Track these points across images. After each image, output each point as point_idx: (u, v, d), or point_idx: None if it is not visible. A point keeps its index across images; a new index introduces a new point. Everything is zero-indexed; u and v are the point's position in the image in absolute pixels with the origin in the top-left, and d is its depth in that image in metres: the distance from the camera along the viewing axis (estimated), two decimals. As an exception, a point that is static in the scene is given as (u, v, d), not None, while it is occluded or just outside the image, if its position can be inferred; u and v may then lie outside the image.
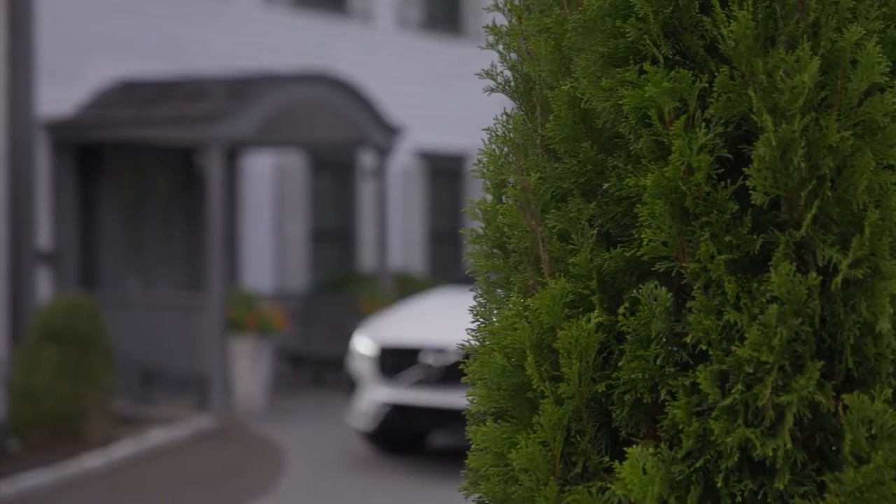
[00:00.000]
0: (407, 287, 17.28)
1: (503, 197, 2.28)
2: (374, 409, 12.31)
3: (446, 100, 20.25)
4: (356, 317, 15.96)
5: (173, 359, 14.74)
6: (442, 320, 12.73)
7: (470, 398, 2.25)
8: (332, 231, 18.91)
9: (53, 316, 13.80)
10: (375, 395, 12.31)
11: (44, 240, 15.19)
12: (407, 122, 17.27)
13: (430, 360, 12.05)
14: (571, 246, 2.21)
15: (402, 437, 13.12)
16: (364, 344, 12.57)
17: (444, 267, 20.63)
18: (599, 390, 2.16)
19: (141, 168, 16.44)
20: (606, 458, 2.16)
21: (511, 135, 2.28)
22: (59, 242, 15.23)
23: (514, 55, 2.30)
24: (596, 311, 2.15)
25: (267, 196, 17.79)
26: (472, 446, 2.25)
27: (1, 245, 15.14)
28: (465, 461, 2.30)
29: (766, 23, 2.10)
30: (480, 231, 2.28)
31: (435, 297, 13.86)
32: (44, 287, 15.24)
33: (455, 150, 20.50)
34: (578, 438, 2.16)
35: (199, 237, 16.80)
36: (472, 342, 2.28)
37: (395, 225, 18.98)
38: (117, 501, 11.88)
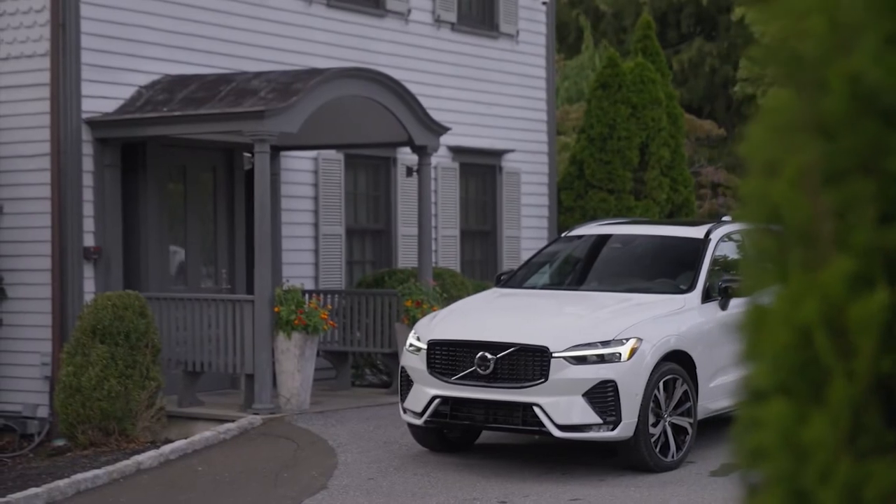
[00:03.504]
0: (445, 284, 17.26)
1: (773, 176, 2.29)
2: (428, 406, 12.31)
3: (480, 98, 20.27)
4: (398, 314, 15.97)
5: (220, 356, 14.74)
6: (494, 318, 12.78)
7: (747, 375, 2.25)
8: (370, 228, 18.93)
9: (102, 313, 13.83)
10: (429, 392, 12.32)
11: (87, 237, 15.21)
12: (441, 119, 17.25)
13: (483, 356, 12.06)
14: (850, 224, 2.22)
15: (454, 433, 13.15)
16: (418, 341, 12.59)
17: (473, 264, 20.65)
18: (884, 368, 2.16)
19: (184, 165, 16.45)
20: (893, 435, 2.16)
21: (780, 113, 2.28)
22: (102, 239, 15.24)
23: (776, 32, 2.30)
24: (881, 288, 2.15)
25: (306, 193, 17.81)
26: (748, 423, 2.25)
27: (45, 242, 15.16)
28: (732, 438, 2.30)
29: None
30: (749, 211, 2.28)
31: (484, 296, 13.89)
32: (86, 285, 15.25)
33: (488, 147, 20.51)
34: (865, 415, 2.16)
35: (241, 234, 16.81)
36: (743, 319, 2.28)
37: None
38: (174, 499, 11.88)
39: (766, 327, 2.19)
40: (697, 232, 13.83)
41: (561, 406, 11.84)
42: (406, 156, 18.20)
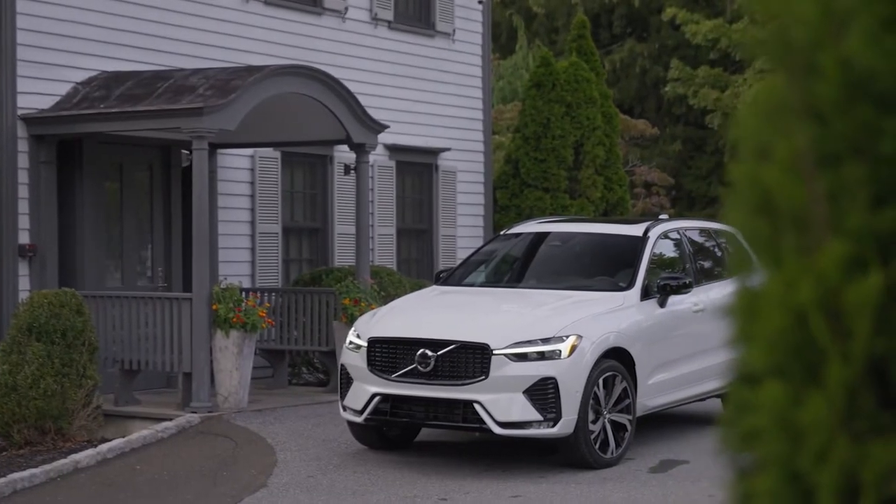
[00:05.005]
0: (382, 283, 17.24)
1: (764, 161, 2.30)
2: (368, 403, 12.29)
3: (417, 96, 20.27)
4: (335, 313, 15.93)
5: (157, 355, 14.63)
6: (435, 316, 12.78)
7: (740, 359, 2.26)
8: (307, 226, 18.88)
9: (38, 311, 13.68)
10: (370, 389, 12.30)
11: (22, 234, 15.05)
12: (379, 117, 17.22)
13: (424, 353, 12.05)
14: (843, 207, 2.23)
15: (394, 431, 13.13)
16: (358, 338, 12.57)
17: (410, 263, 20.64)
18: (878, 350, 2.17)
19: (120, 163, 16.33)
20: (887, 417, 2.18)
21: (771, 98, 2.29)
22: (38, 237, 15.09)
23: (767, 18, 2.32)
24: (875, 270, 2.17)
25: (242, 191, 17.73)
26: (741, 406, 2.26)
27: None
28: (719, 421, 2.31)
29: None
30: (741, 195, 2.30)
31: (424, 294, 13.88)
32: (21, 282, 15.09)
33: (424, 145, 20.51)
34: (860, 396, 2.18)
35: (178, 232, 16.70)
36: (734, 302, 2.30)
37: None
38: (112, 498, 11.78)
39: (760, 311, 2.21)
40: (636, 230, 13.91)
41: (501, 403, 11.86)
42: (343, 154, 18.16)
